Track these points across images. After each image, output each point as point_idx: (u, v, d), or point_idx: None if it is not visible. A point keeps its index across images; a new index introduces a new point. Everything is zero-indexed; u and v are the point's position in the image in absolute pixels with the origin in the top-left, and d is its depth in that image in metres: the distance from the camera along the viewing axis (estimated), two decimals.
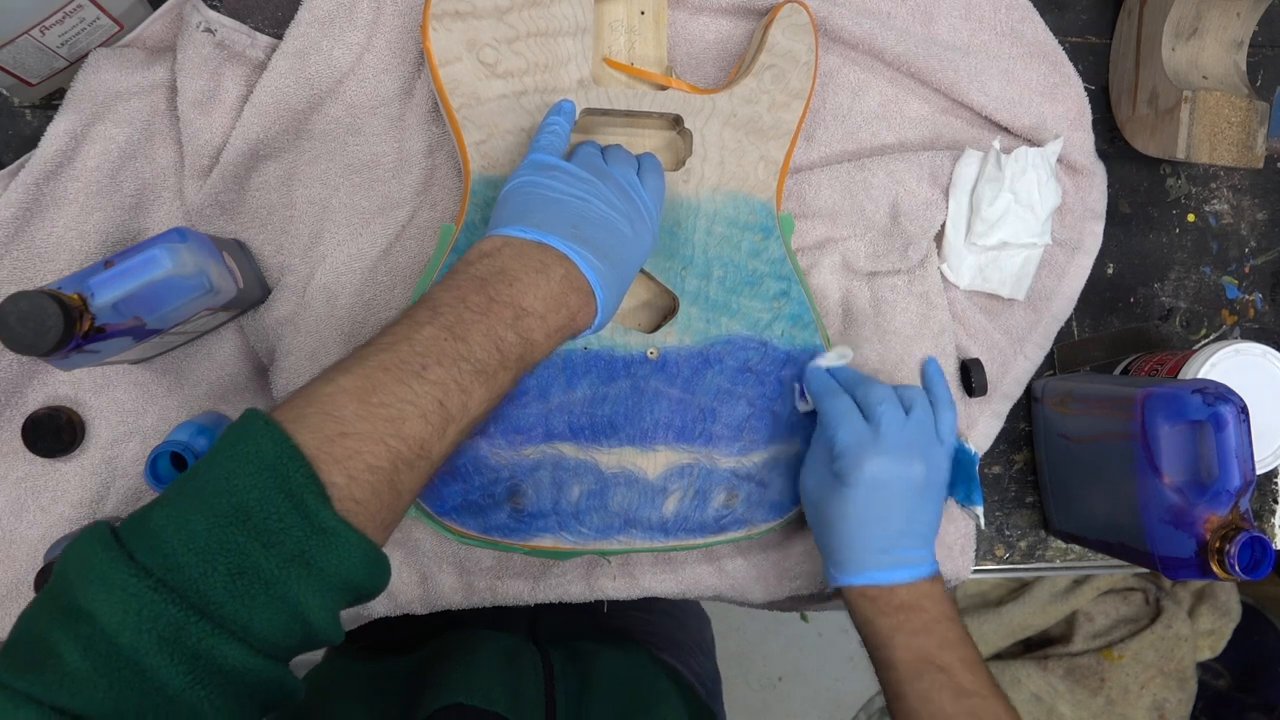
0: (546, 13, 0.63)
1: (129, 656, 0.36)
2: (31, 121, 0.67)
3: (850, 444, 0.60)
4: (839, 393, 0.63)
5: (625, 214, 0.55)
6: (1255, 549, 0.63)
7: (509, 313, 0.48)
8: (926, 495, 0.61)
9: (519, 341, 0.48)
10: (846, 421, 0.61)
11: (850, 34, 0.71)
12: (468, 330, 0.46)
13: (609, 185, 0.55)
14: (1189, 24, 0.75)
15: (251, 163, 0.65)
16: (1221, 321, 0.84)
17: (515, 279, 0.49)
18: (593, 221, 0.53)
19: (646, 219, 0.57)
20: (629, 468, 0.65)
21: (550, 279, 0.50)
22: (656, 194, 0.59)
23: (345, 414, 0.42)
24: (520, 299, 0.49)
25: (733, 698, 0.83)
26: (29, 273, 0.63)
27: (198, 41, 0.63)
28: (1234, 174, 0.83)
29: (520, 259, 0.50)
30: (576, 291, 0.51)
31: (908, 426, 0.61)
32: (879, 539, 0.60)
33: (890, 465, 0.60)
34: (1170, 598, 1.49)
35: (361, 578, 0.42)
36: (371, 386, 0.43)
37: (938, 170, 0.74)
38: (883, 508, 0.60)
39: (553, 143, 0.57)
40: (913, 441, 0.61)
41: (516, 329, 0.48)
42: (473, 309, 0.47)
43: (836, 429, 0.61)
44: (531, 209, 0.53)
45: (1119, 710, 1.44)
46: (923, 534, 0.61)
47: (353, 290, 0.66)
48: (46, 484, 0.65)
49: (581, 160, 0.57)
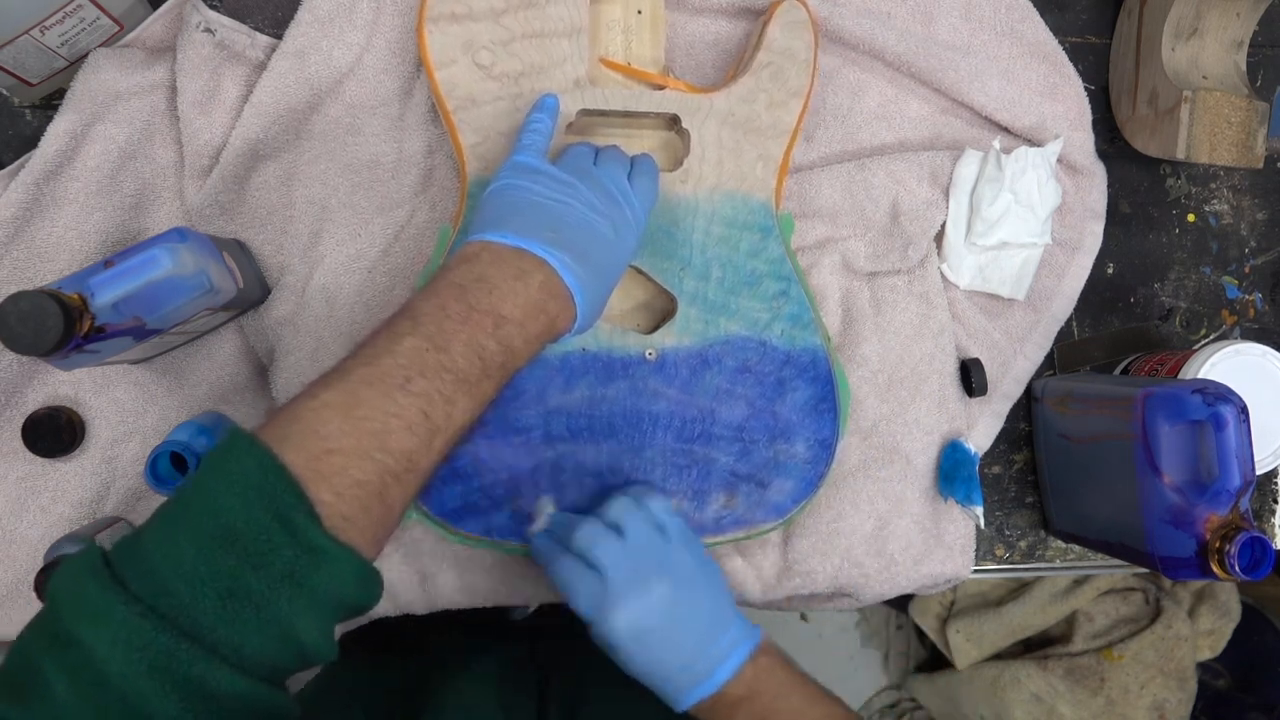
0: (542, 14, 0.63)
1: (116, 686, 0.36)
2: (31, 121, 0.67)
3: (590, 610, 0.55)
4: (559, 553, 0.58)
5: (608, 216, 0.55)
6: (1255, 549, 0.63)
7: (489, 321, 0.48)
8: (694, 589, 0.57)
9: (500, 350, 0.48)
10: (575, 585, 0.56)
11: (850, 34, 0.71)
12: (449, 340, 0.46)
13: (591, 187, 0.55)
14: (1189, 24, 0.75)
15: (251, 163, 0.65)
16: (1221, 321, 0.84)
17: (494, 286, 0.49)
18: (572, 225, 0.53)
19: (631, 221, 0.56)
20: (628, 468, 0.65)
21: (529, 285, 0.50)
22: (646, 196, 0.58)
23: (330, 430, 0.42)
24: (499, 306, 0.48)
25: None
26: (29, 273, 0.63)
27: (197, 41, 0.63)
28: (1234, 174, 0.83)
29: (499, 265, 0.50)
30: (555, 297, 0.51)
31: (628, 553, 0.56)
32: (677, 663, 0.56)
33: (635, 607, 0.55)
34: (1170, 598, 1.49)
35: (353, 594, 0.42)
36: (355, 401, 0.43)
37: (938, 170, 0.74)
38: (660, 641, 0.55)
39: (535, 142, 0.57)
40: (639, 564, 0.56)
41: (497, 337, 0.48)
42: (453, 318, 0.47)
43: (574, 598, 0.56)
44: (511, 213, 0.52)
45: (1119, 710, 1.44)
46: (713, 620, 0.57)
47: (352, 290, 0.66)
48: (46, 484, 0.65)
49: (567, 161, 0.57)
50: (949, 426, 0.75)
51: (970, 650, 1.50)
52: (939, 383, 0.74)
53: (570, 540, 0.57)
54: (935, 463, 0.74)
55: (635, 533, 0.57)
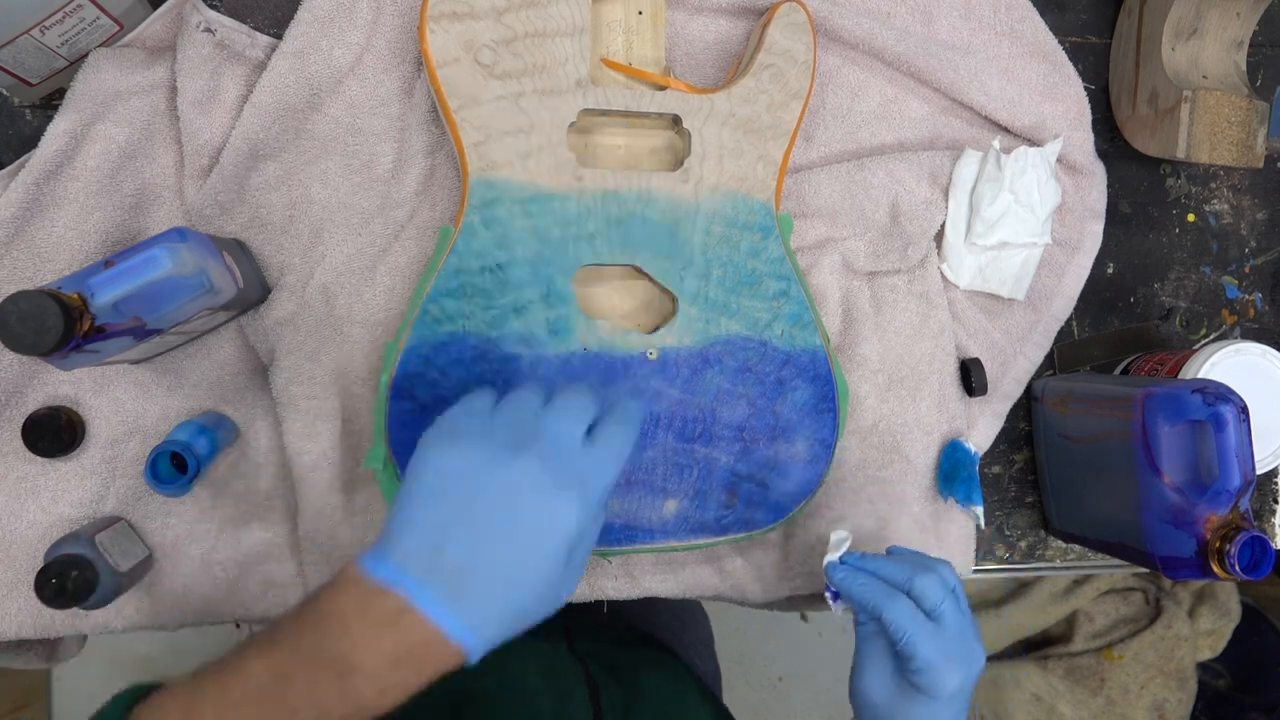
0: (544, 13, 0.63)
1: None
2: (31, 121, 0.67)
3: (932, 659, 0.56)
4: (894, 595, 0.58)
5: (542, 495, 0.45)
6: (1255, 549, 0.63)
7: (333, 672, 0.42)
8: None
9: (343, 702, 0.42)
10: (921, 631, 0.56)
11: (850, 34, 0.71)
12: (291, 681, 0.42)
13: (528, 459, 0.45)
14: (1189, 24, 0.75)
15: (251, 163, 0.65)
16: (1221, 321, 0.84)
17: (350, 635, 0.42)
18: (481, 535, 0.44)
19: (577, 504, 0.45)
20: (629, 468, 0.65)
21: (399, 633, 0.42)
22: (613, 456, 0.48)
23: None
24: (352, 654, 0.42)
25: (733, 698, 0.83)
26: (29, 273, 0.63)
27: (198, 41, 0.63)
28: (1234, 174, 0.83)
29: (363, 610, 0.43)
30: (431, 645, 0.43)
31: (963, 617, 0.59)
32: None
33: (969, 673, 0.57)
34: (1170, 598, 1.49)
35: None
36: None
37: (937, 170, 0.74)
38: (957, 709, 0.58)
39: (476, 408, 0.48)
40: (969, 631, 0.58)
41: (343, 689, 0.42)
42: (302, 657, 0.42)
43: (916, 643, 0.56)
44: (402, 520, 0.45)
45: (1119, 710, 1.44)
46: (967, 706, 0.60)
47: (352, 290, 0.66)
48: (46, 484, 0.65)
49: (507, 414, 0.48)
50: (949, 426, 0.75)
51: None
52: (939, 383, 0.74)
53: (910, 585, 0.58)
54: (935, 463, 0.74)
55: (963, 598, 0.60)
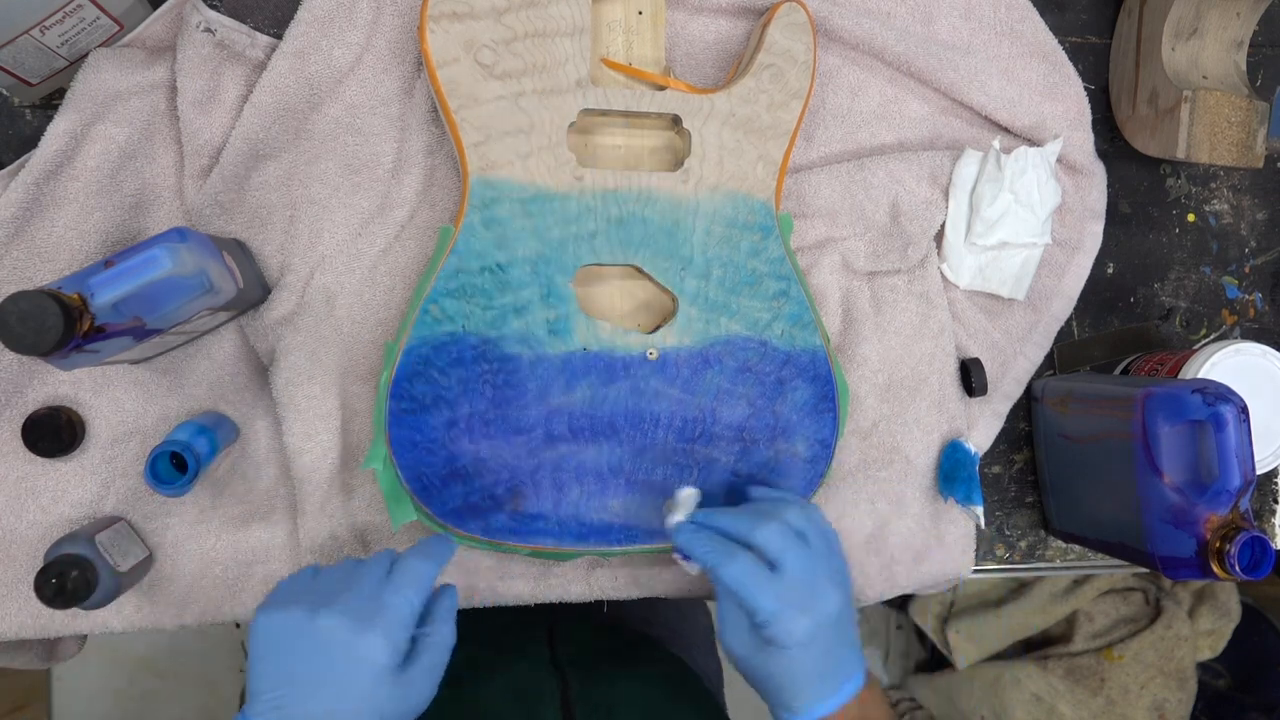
0: (544, 13, 0.63)
1: None
2: (31, 121, 0.67)
3: (774, 609, 0.54)
4: (735, 551, 0.56)
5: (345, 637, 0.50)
6: (1255, 549, 0.63)
7: None
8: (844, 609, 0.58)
9: None
10: (759, 584, 0.55)
11: (850, 34, 0.71)
12: None
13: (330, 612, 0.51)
14: (1189, 24, 0.75)
15: (251, 163, 0.65)
16: (1221, 321, 0.84)
17: None
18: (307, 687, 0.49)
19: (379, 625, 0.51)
20: (630, 468, 0.65)
21: None
22: (410, 576, 0.53)
23: None
24: None
25: (733, 697, 0.83)
26: (29, 273, 0.63)
27: (198, 41, 0.63)
28: (1234, 174, 0.83)
29: None
30: None
31: (811, 560, 0.57)
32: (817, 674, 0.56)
33: (817, 617, 0.55)
34: (1170, 598, 1.49)
35: None
36: None
37: (937, 170, 0.74)
38: (818, 652, 0.56)
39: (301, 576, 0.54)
40: (819, 572, 0.56)
41: None
42: None
43: (755, 596, 0.55)
44: (254, 691, 0.50)
45: (1119, 710, 1.44)
46: (850, 643, 0.58)
47: (352, 290, 0.66)
48: (46, 484, 0.65)
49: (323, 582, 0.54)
50: (949, 426, 0.75)
51: (970, 650, 1.50)
52: (939, 383, 0.74)
53: (750, 537, 0.57)
54: (935, 463, 0.74)
55: (815, 538, 0.58)
